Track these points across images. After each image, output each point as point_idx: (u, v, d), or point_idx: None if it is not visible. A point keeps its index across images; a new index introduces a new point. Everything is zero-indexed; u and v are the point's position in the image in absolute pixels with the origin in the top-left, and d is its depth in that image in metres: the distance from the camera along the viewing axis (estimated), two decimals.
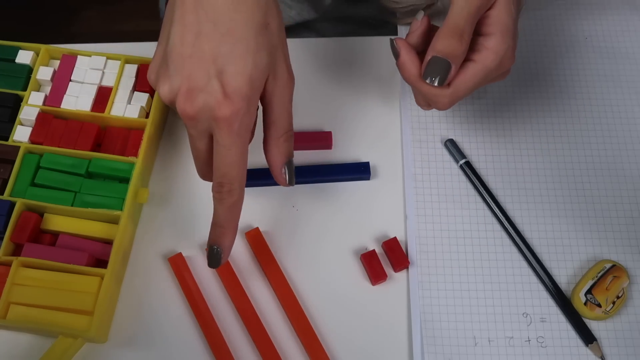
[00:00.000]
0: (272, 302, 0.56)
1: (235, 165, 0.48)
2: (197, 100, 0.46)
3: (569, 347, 0.55)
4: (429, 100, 0.54)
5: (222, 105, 0.46)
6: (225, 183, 0.48)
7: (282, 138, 0.51)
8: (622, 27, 0.69)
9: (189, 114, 0.47)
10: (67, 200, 0.56)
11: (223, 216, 0.50)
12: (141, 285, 0.57)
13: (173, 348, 0.54)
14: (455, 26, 0.50)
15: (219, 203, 0.49)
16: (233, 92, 0.46)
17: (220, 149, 0.47)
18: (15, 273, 0.53)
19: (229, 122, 0.46)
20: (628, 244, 0.59)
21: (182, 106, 0.47)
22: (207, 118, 0.47)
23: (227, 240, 0.51)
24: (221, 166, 0.48)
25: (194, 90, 0.46)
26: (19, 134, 0.59)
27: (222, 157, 0.48)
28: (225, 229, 0.50)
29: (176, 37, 0.47)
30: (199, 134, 0.48)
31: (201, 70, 0.46)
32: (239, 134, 0.47)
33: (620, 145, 0.63)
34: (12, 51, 0.62)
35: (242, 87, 0.46)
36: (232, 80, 0.46)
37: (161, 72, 0.48)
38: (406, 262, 0.57)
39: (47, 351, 0.52)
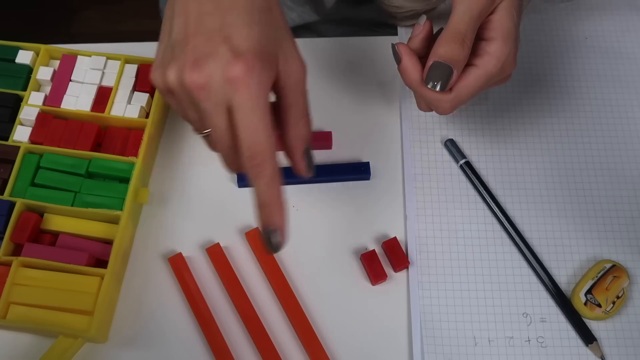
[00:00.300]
0: (272, 302, 0.56)
1: (261, 131, 0.43)
2: (206, 66, 0.43)
3: (569, 347, 0.55)
4: (431, 104, 0.54)
5: (234, 65, 0.42)
6: (256, 154, 0.44)
7: (301, 122, 0.47)
8: (622, 27, 0.69)
9: (198, 83, 0.43)
10: (67, 200, 0.56)
11: (265, 193, 0.45)
12: (141, 285, 0.57)
13: (173, 348, 0.54)
14: (457, 31, 0.50)
15: (257, 178, 0.45)
16: (244, 51, 0.43)
17: (242, 116, 0.43)
18: (15, 273, 0.53)
19: (245, 82, 0.42)
20: (628, 244, 0.59)
21: (190, 77, 0.43)
22: (220, 83, 0.43)
23: (278, 218, 0.46)
24: (247, 135, 0.43)
25: (201, 59, 0.43)
26: (19, 134, 0.59)
27: (245, 124, 0.43)
28: (272, 205, 0.45)
29: (179, 24, 0.45)
30: (214, 108, 0.44)
31: (207, 41, 0.43)
32: (259, 95, 0.43)
33: (620, 145, 0.63)
34: (12, 51, 0.62)
35: (252, 46, 0.43)
36: (241, 43, 0.43)
37: (167, 62, 0.45)
38: (406, 262, 0.57)
39: (47, 351, 0.52)
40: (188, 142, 0.63)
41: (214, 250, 0.57)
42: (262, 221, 0.46)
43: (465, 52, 0.50)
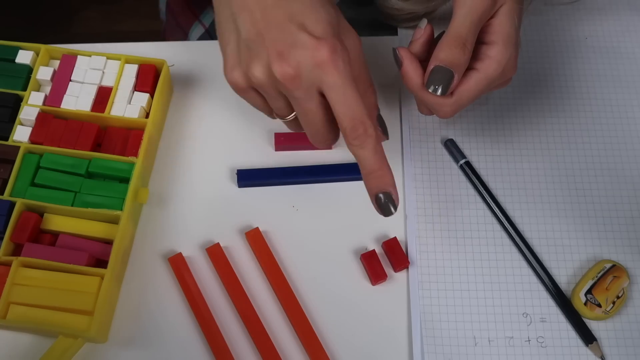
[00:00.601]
0: (272, 302, 0.56)
1: (357, 102, 0.46)
2: (293, 57, 0.45)
3: (569, 347, 0.55)
4: (432, 108, 0.54)
5: (319, 49, 0.45)
6: (357, 125, 0.46)
7: (368, 91, 0.50)
8: (622, 28, 0.69)
9: (290, 74, 0.46)
10: (67, 200, 0.56)
11: (372, 159, 0.48)
12: (141, 285, 0.57)
13: (173, 348, 0.54)
14: (458, 35, 0.50)
15: (361, 149, 0.47)
16: (323, 34, 0.45)
17: (337, 94, 0.46)
18: (15, 273, 0.53)
19: (333, 62, 0.45)
20: (628, 244, 0.59)
21: (281, 70, 0.45)
22: (310, 69, 0.45)
23: (388, 181, 0.48)
24: (345, 110, 0.46)
25: (285, 51, 0.45)
26: (19, 134, 0.59)
27: (342, 100, 0.46)
28: (380, 170, 0.48)
29: (246, 22, 0.47)
30: (306, 94, 0.47)
31: (283, 32, 0.46)
32: (347, 70, 0.46)
33: (620, 145, 0.63)
34: (12, 51, 0.62)
35: (327, 28, 0.46)
36: (315, 27, 0.46)
37: (245, 60, 0.47)
38: (406, 262, 0.57)
39: (47, 351, 0.52)
40: (188, 142, 0.63)
41: (214, 250, 0.57)
42: (374, 187, 0.48)
43: (466, 56, 0.50)
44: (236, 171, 0.60)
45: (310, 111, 0.48)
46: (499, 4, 0.51)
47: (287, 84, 0.46)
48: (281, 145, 0.61)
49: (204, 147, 0.62)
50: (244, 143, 0.62)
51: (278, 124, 0.62)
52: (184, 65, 0.65)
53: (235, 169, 0.61)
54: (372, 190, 0.49)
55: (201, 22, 0.79)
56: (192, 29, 0.81)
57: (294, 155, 0.62)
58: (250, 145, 0.63)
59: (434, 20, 0.56)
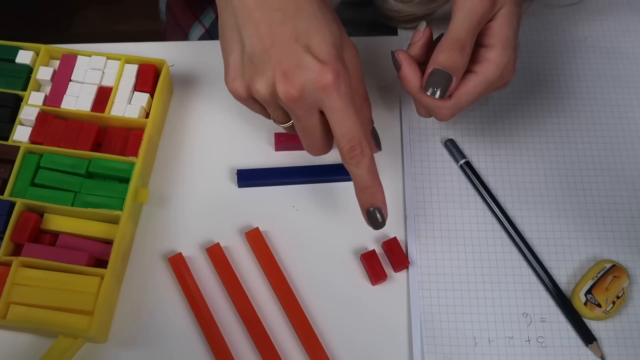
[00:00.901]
0: (272, 302, 0.56)
1: (356, 125, 0.48)
2: (297, 78, 0.47)
3: (569, 347, 0.55)
4: (431, 111, 0.54)
5: (324, 74, 0.46)
6: (355, 146, 0.49)
7: (364, 105, 0.53)
8: (622, 28, 0.69)
9: (293, 95, 0.47)
10: (67, 200, 0.56)
11: (365, 177, 0.50)
12: (141, 285, 0.57)
13: (173, 348, 0.54)
14: (457, 39, 0.50)
15: (356, 167, 0.50)
16: (327, 58, 0.47)
17: (337, 116, 0.48)
18: (15, 273, 0.53)
19: (336, 86, 0.47)
20: (628, 244, 0.59)
21: (285, 90, 0.47)
22: (313, 92, 0.47)
23: (379, 197, 0.51)
24: (345, 132, 0.48)
25: (290, 71, 0.47)
26: (19, 134, 0.59)
27: (342, 123, 0.48)
28: (372, 187, 0.51)
29: (252, 36, 0.48)
30: (307, 113, 0.49)
31: (288, 52, 0.47)
32: (348, 94, 0.48)
33: (620, 145, 0.63)
34: (12, 51, 0.62)
35: (331, 51, 0.47)
36: (320, 49, 0.47)
37: (250, 73, 0.49)
38: (406, 262, 0.57)
39: (47, 351, 0.52)
40: (188, 142, 0.63)
41: (214, 250, 0.57)
42: (366, 202, 0.52)
43: (464, 59, 0.50)
44: (236, 171, 0.60)
45: (311, 127, 0.50)
46: (498, 6, 0.51)
47: (289, 104, 0.48)
48: (281, 145, 0.61)
49: (204, 147, 0.62)
50: (244, 143, 0.62)
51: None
52: (184, 65, 0.65)
53: (235, 169, 0.61)
54: (364, 205, 0.52)
55: (201, 22, 0.79)
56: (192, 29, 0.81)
57: (294, 155, 0.62)
58: (250, 145, 0.63)
59: (433, 22, 0.56)
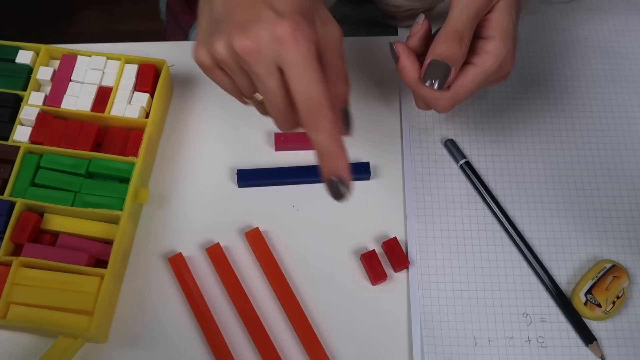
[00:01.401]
0: (272, 302, 0.56)
1: (316, 82, 0.45)
2: (253, 30, 0.44)
3: (569, 347, 0.55)
4: (429, 103, 0.54)
5: (280, 24, 0.44)
6: (314, 107, 0.45)
7: (339, 82, 0.49)
8: (622, 27, 0.69)
9: (250, 47, 0.45)
10: (67, 200, 0.56)
11: (326, 142, 0.46)
12: (141, 285, 0.57)
13: (173, 348, 0.54)
14: (455, 30, 0.50)
15: (316, 132, 0.46)
16: (286, 11, 0.44)
17: (295, 72, 0.45)
18: (15, 273, 0.53)
19: (294, 38, 0.44)
20: (628, 244, 0.59)
21: (240, 43, 0.45)
22: (269, 44, 0.44)
23: (342, 165, 0.47)
24: (303, 89, 0.45)
25: (247, 25, 0.45)
26: (19, 134, 0.59)
27: (299, 78, 0.45)
28: (334, 154, 0.46)
29: (219, 2, 0.46)
30: (266, 70, 0.45)
31: (249, 8, 0.45)
32: (308, 49, 0.44)
33: (620, 145, 0.63)
34: (12, 51, 0.62)
35: (294, 7, 0.45)
36: (282, 5, 0.45)
37: (211, 37, 0.47)
38: (406, 262, 0.57)
39: (47, 351, 0.52)
40: (188, 142, 0.63)
41: (214, 250, 0.57)
42: (326, 170, 0.47)
43: (463, 50, 0.50)
44: (236, 171, 0.60)
45: (271, 89, 0.47)
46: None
47: (246, 58, 0.45)
48: (281, 145, 0.62)
49: (204, 147, 0.62)
50: (244, 143, 0.62)
51: None
52: (184, 65, 0.65)
53: (235, 169, 0.61)
54: (324, 174, 0.47)
55: None
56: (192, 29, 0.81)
57: (294, 155, 0.62)
58: (250, 145, 0.63)
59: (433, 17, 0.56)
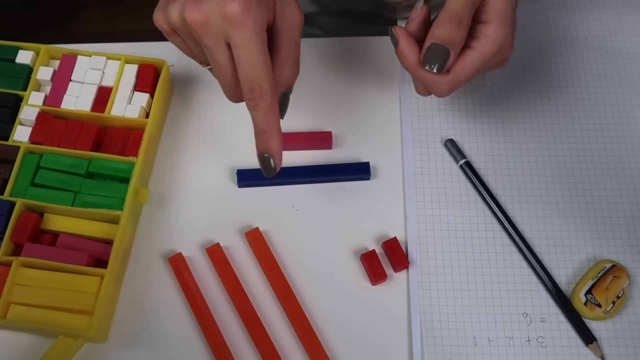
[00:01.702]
0: (272, 302, 0.56)
1: (259, 66, 0.46)
2: (206, 4, 0.45)
3: (569, 347, 0.55)
4: (429, 87, 0.53)
5: (231, 3, 0.45)
6: (255, 87, 0.47)
7: (286, 66, 0.50)
8: (622, 27, 0.69)
9: (199, 20, 0.46)
10: (67, 200, 0.56)
11: (262, 122, 0.49)
12: (141, 285, 0.57)
13: (173, 348, 0.54)
14: (454, 13, 0.50)
15: (254, 110, 0.48)
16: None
17: (241, 52, 0.46)
18: (15, 273, 0.53)
19: (242, 20, 0.45)
20: (628, 244, 0.59)
21: (191, 15, 0.46)
22: (219, 21, 0.45)
23: (274, 145, 0.50)
24: (246, 70, 0.47)
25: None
26: (19, 134, 0.59)
27: (244, 60, 0.46)
28: (268, 134, 0.49)
29: None
30: (215, 43, 0.47)
31: None
32: (255, 32, 0.46)
33: (620, 145, 0.63)
34: (12, 51, 0.62)
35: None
36: None
37: (167, 3, 0.48)
38: (406, 262, 0.57)
39: (47, 351, 0.52)
40: (188, 142, 0.63)
41: (214, 250, 0.57)
42: (259, 147, 0.50)
43: (462, 33, 0.50)
44: (236, 171, 0.60)
45: (220, 63, 0.48)
46: None
47: (196, 29, 0.46)
48: None
49: (204, 147, 0.62)
50: (244, 143, 0.62)
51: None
52: (184, 65, 0.65)
53: (235, 169, 0.61)
54: (258, 150, 0.50)
55: None
56: None
57: (294, 155, 0.62)
58: (250, 145, 0.62)
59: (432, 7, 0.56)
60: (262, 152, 0.50)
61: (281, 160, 0.51)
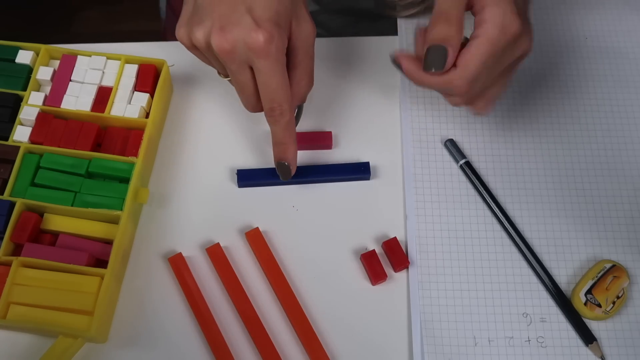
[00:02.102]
0: (272, 302, 0.56)
1: (280, 88, 0.52)
2: (232, 34, 0.50)
3: (569, 347, 0.55)
4: (447, 91, 0.53)
5: (256, 34, 0.49)
6: (275, 107, 0.53)
7: (303, 81, 0.55)
8: (622, 27, 0.69)
9: (225, 48, 0.50)
10: (67, 200, 0.56)
11: (281, 134, 0.55)
12: (141, 285, 0.57)
13: (173, 348, 0.54)
14: (441, 11, 0.51)
15: (274, 125, 0.55)
16: (264, 22, 0.50)
17: (263, 77, 0.51)
18: (15, 273, 0.53)
19: (265, 49, 0.50)
20: (628, 244, 0.59)
21: (218, 42, 0.50)
22: (244, 49, 0.50)
23: (290, 153, 0.57)
24: (268, 93, 0.52)
25: (227, 26, 0.50)
26: (19, 134, 0.59)
27: (266, 84, 0.52)
28: (286, 144, 0.56)
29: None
30: (238, 68, 0.52)
31: (231, 9, 0.50)
32: (277, 59, 0.51)
33: (621, 145, 0.63)
34: (12, 51, 0.62)
35: (271, 16, 0.50)
36: (261, 12, 0.50)
37: (193, 22, 0.52)
38: (406, 262, 0.57)
39: (47, 351, 0.52)
40: (188, 142, 0.63)
41: (214, 250, 0.57)
42: (277, 155, 0.57)
43: (453, 28, 0.50)
44: (236, 171, 0.60)
45: (243, 83, 0.53)
46: None
47: (222, 55, 0.51)
48: None
49: (204, 147, 0.62)
50: (244, 143, 0.62)
51: None
52: (184, 65, 0.65)
53: (235, 169, 0.61)
54: (276, 157, 0.57)
55: None
56: None
57: None
58: (250, 145, 0.63)
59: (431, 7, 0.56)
60: (279, 159, 0.57)
61: (296, 165, 0.58)
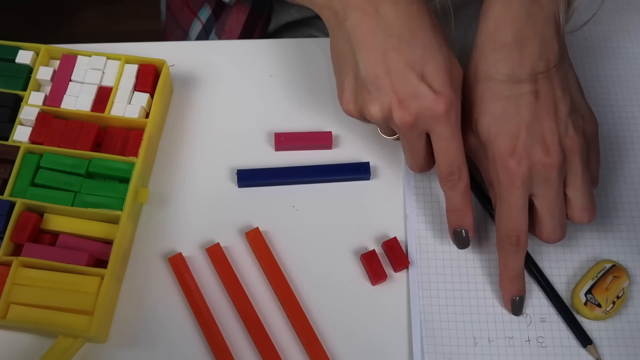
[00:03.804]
0: (272, 302, 0.56)
1: (459, 153, 0.52)
2: (412, 107, 0.50)
3: (569, 347, 0.55)
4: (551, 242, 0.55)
5: (437, 103, 0.49)
6: (454, 171, 0.52)
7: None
8: (622, 27, 0.69)
9: (408, 121, 0.50)
10: (67, 200, 0.56)
11: (459, 200, 0.54)
12: (141, 285, 0.57)
13: (173, 348, 0.54)
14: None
15: (451, 190, 0.53)
16: (441, 88, 0.50)
17: (443, 143, 0.51)
18: (15, 273, 0.53)
19: (447, 116, 0.50)
20: (628, 244, 0.59)
21: (400, 117, 0.50)
22: (425, 119, 0.50)
23: (468, 220, 0.54)
24: (447, 158, 0.52)
25: (406, 99, 0.50)
26: (19, 134, 0.59)
27: (445, 149, 0.51)
28: (463, 211, 0.54)
29: (366, 61, 0.51)
30: (417, 137, 0.52)
31: (404, 80, 0.50)
32: (457, 123, 0.51)
33: (621, 145, 0.63)
34: (12, 51, 0.62)
35: (446, 80, 0.50)
36: (435, 78, 0.50)
37: (363, 98, 0.52)
38: (406, 262, 0.57)
39: (47, 351, 0.52)
40: (188, 142, 0.63)
41: (214, 250, 0.57)
42: (453, 223, 0.55)
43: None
44: (236, 171, 0.60)
45: (417, 150, 0.53)
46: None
47: (403, 129, 0.51)
48: (281, 145, 0.61)
49: (204, 147, 0.62)
50: (244, 143, 0.62)
51: (278, 124, 0.63)
52: (184, 65, 0.65)
53: (235, 169, 0.61)
54: (452, 225, 0.55)
55: (199, 18, 0.79)
56: (192, 27, 0.81)
57: (294, 155, 0.62)
58: (250, 145, 0.63)
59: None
60: (456, 227, 0.55)
61: (474, 232, 0.55)
